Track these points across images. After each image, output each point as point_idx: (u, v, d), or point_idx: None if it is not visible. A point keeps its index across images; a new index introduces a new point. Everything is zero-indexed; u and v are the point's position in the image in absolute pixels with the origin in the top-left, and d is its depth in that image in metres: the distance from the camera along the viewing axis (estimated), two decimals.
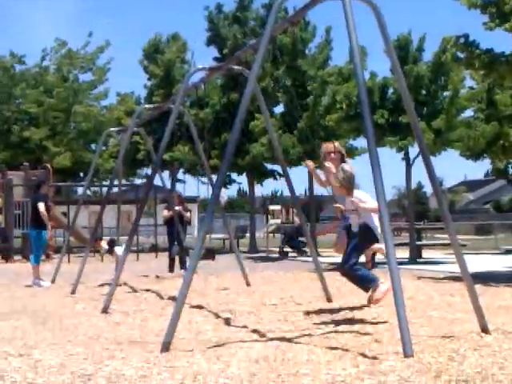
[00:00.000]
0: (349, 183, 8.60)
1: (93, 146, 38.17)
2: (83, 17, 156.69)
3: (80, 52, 38.23)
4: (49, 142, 35.12)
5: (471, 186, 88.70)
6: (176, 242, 17.14)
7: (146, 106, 21.10)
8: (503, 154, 20.27)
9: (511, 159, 25.22)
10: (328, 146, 9.63)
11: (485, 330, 7.39)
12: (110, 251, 16.08)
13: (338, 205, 9.21)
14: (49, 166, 27.88)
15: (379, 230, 8.36)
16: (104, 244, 16.92)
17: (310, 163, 10.01)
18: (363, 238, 8.77)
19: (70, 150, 35.39)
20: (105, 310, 10.09)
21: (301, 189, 40.14)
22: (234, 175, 34.46)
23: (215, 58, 33.05)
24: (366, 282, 8.86)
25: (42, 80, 37.05)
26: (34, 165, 30.27)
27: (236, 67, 11.14)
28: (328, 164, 9.26)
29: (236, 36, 31.93)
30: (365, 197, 8.64)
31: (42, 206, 15.32)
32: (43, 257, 17.20)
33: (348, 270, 8.80)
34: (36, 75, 37.65)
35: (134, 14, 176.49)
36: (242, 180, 36.66)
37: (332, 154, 9.41)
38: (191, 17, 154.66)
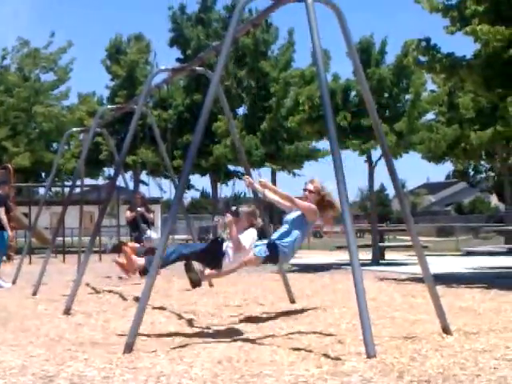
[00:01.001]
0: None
1: (55, 146, 37.91)
2: (45, 14, 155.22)
3: (42, 52, 37.95)
4: (8, 142, 34.80)
5: (433, 188, 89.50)
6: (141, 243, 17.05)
7: (109, 106, 21.01)
8: (464, 156, 20.53)
9: (472, 162, 25.52)
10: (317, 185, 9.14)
11: (446, 330, 7.46)
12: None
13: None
14: (9, 166, 27.63)
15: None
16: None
17: (248, 179, 9.66)
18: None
19: (31, 151, 35.11)
20: (67, 312, 10.01)
21: None
22: (195, 178, 34.48)
23: (178, 59, 33.08)
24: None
25: (3, 79, 36.70)
26: None
27: (199, 68, 11.12)
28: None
29: (199, 37, 32.01)
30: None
31: (1, 212, 15.11)
32: (4, 258, 17.01)
33: None
34: None
35: (96, 12, 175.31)
36: (205, 182, 36.74)
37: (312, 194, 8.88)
38: (154, 17, 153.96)
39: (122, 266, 8.71)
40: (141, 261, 8.25)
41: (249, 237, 8.41)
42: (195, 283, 8.61)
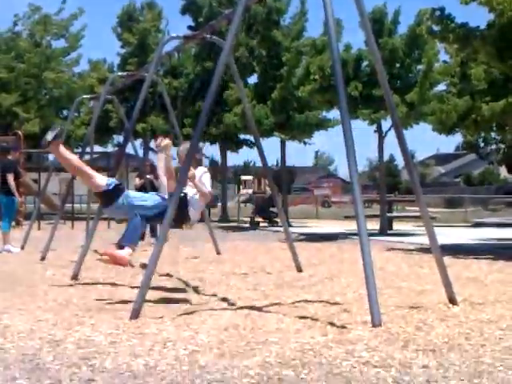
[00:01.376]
0: None
1: (65, 113, 37.86)
2: None
3: (53, 18, 37.80)
4: (19, 108, 34.76)
5: (442, 159, 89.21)
6: None
7: (119, 73, 20.97)
8: (475, 128, 20.38)
9: (483, 133, 25.42)
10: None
11: (452, 300, 7.47)
12: None
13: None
14: (20, 132, 27.64)
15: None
16: None
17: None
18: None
19: (41, 117, 35.06)
20: (74, 277, 10.08)
21: (273, 159, 40.17)
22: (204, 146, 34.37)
23: (190, 27, 32.83)
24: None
25: (14, 45, 36.59)
26: (5, 131, 30.00)
27: (210, 36, 11.06)
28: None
29: (211, 4, 31.73)
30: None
31: (10, 178, 15.17)
32: (13, 223, 17.09)
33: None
34: (8, 40, 37.17)
35: None
36: (215, 150, 36.73)
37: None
38: None
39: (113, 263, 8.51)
40: (122, 252, 8.20)
41: (206, 179, 8.48)
42: None
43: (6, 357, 5.38)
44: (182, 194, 8.23)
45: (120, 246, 8.23)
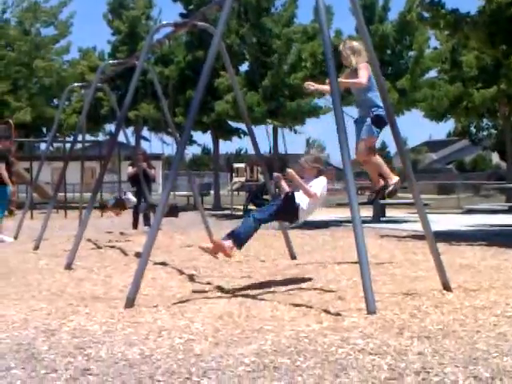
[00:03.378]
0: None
1: (55, 102, 37.73)
2: None
3: (42, 5, 37.60)
4: (10, 97, 34.63)
5: (434, 146, 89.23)
6: (143, 199, 17.05)
7: (110, 61, 20.90)
8: (466, 114, 20.45)
9: (474, 120, 25.46)
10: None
11: (446, 287, 7.50)
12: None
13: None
14: (11, 121, 27.54)
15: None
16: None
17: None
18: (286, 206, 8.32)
19: (33, 106, 34.94)
20: (68, 267, 10.05)
21: (265, 147, 40.14)
22: (197, 135, 34.33)
23: (181, 14, 32.69)
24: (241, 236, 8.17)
25: (3, 34, 36.41)
26: None
27: (201, 23, 11.01)
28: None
29: None
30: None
31: (2, 167, 15.12)
32: (6, 213, 17.04)
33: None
34: None
35: None
36: (207, 138, 36.75)
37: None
38: None
39: (210, 251, 8.35)
40: (227, 242, 8.02)
41: (319, 184, 8.42)
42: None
43: (0, 347, 5.38)
44: (290, 193, 8.28)
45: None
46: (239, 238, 7.80)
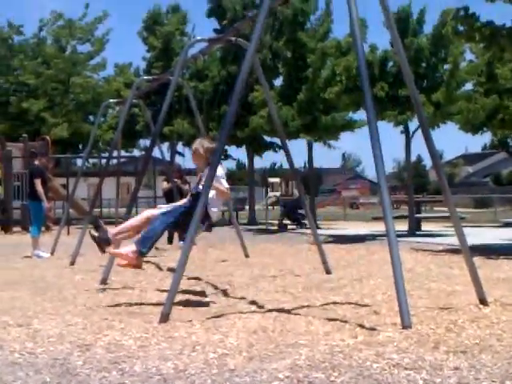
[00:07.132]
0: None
1: (91, 118, 38.09)
2: None
3: (78, 23, 38.02)
4: (47, 114, 35.02)
5: (471, 159, 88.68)
6: None
7: (145, 77, 21.04)
8: (503, 127, 20.27)
9: (511, 132, 25.23)
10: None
11: (483, 301, 7.42)
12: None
13: None
14: (48, 137, 27.83)
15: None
16: None
17: None
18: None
19: (69, 122, 35.31)
20: (103, 282, 10.10)
21: (300, 161, 40.07)
22: (231, 149, 34.36)
23: (215, 30, 32.86)
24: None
25: (40, 51, 36.87)
26: (33, 136, 30.23)
27: (235, 39, 11.05)
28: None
29: (235, 8, 31.72)
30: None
31: (38, 183, 15.28)
32: (43, 228, 17.17)
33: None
34: (34, 46, 37.46)
35: None
36: (241, 153, 36.81)
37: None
38: None
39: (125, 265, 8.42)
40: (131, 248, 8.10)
41: (221, 174, 8.27)
42: (102, 243, 8.40)
43: (36, 361, 5.41)
44: (196, 193, 8.17)
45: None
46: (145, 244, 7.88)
